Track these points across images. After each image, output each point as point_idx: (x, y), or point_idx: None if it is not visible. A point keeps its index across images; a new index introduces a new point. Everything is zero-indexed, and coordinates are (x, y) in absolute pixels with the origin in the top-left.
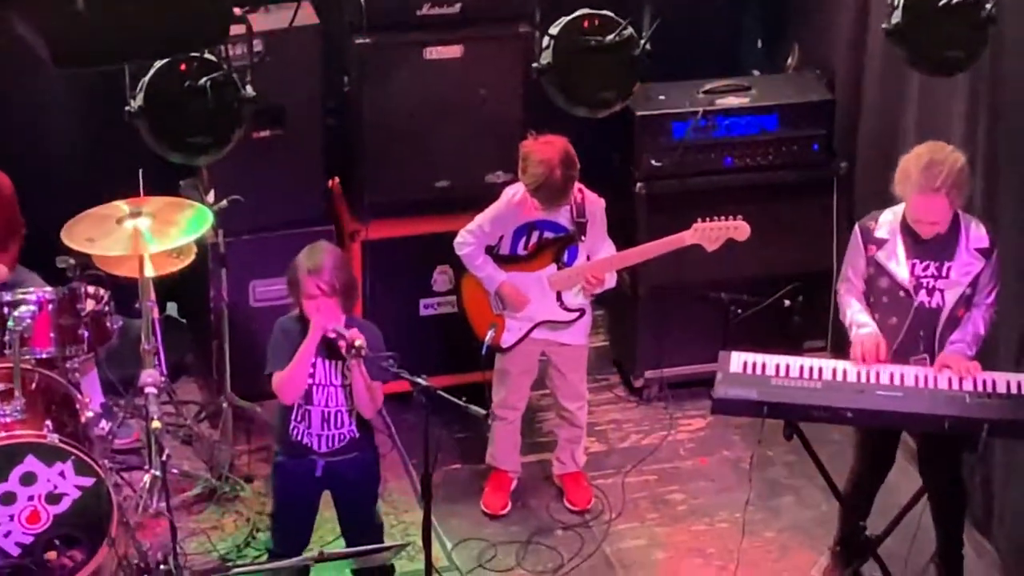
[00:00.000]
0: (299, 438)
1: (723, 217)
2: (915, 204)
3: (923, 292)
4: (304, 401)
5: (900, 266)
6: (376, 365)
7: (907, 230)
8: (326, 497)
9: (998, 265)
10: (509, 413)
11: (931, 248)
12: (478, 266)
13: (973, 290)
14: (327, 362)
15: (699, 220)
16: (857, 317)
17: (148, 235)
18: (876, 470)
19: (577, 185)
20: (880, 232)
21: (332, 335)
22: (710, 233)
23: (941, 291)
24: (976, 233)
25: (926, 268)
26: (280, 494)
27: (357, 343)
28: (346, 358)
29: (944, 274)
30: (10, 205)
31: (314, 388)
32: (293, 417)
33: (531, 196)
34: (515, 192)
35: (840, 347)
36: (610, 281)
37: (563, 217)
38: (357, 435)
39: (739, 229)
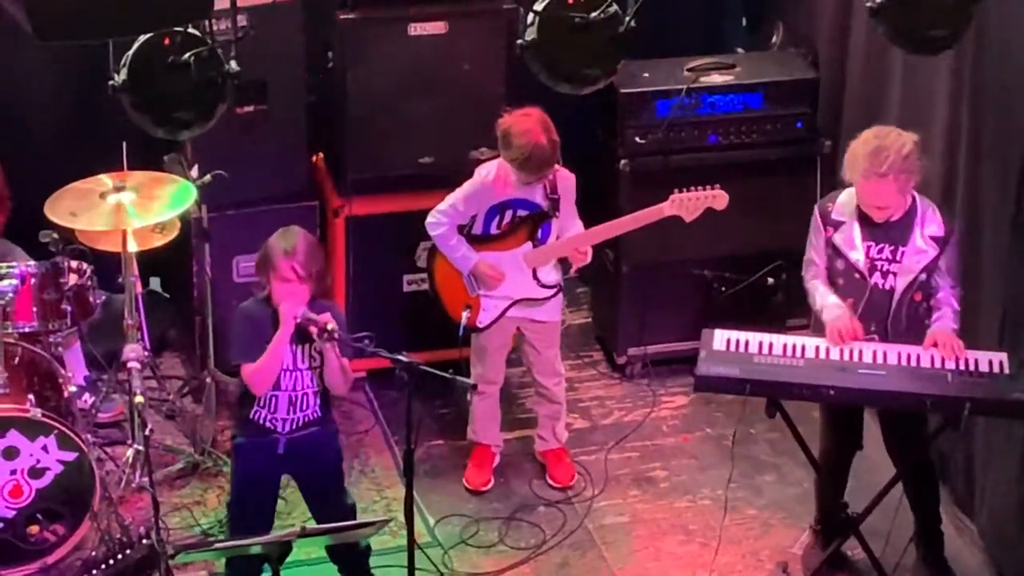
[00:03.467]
0: (262, 422)
1: (701, 187)
2: (863, 189)
3: (877, 274)
4: (273, 388)
5: (856, 249)
6: (347, 344)
7: (863, 213)
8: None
9: (957, 249)
10: (488, 388)
11: (886, 231)
12: (452, 246)
13: (928, 275)
14: (296, 347)
15: (676, 191)
16: (827, 300)
17: (131, 210)
18: (843, 447)
19: None
20: (836, 215)
21: (302, 321)
22: (688, 203)
23: (894, 274)
24: (932, 219)
25: (880, 251)
26: (241, 475)
27: (329, 327)
28: (316, 342)
29: (897, 258)
30: None
31: (282, 374)
32: (257, 403)
33: (518, 171)
34: (488, 171)
35: (821, 326)
36: (586, 257)
37: (537, 194)
38: (318, 414)
39: (717, 198)
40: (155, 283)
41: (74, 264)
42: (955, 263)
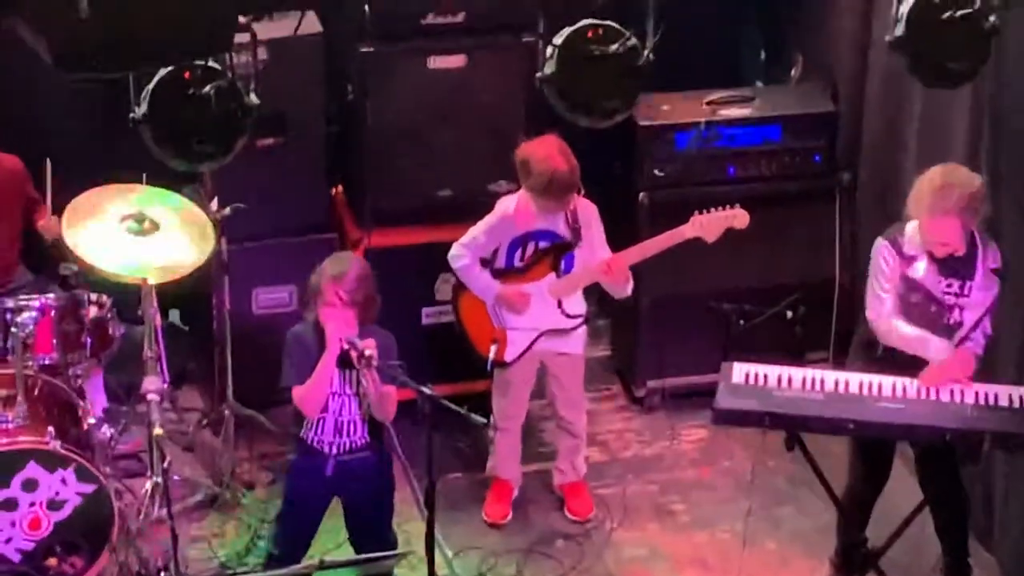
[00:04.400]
0: (311, 442)
1: (721, 207)
2: (928, 226)
3: (953, 308)
4: (322, 410)
5: (929, 281)
6: (385, 371)
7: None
8: (334, 507)
9: (998, 286)
10: (510, 423)
11: (952, 266)
12: (474, 276)
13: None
14: (341, 372)
15: (696, 213)
16: (906, 328)
17: None
18: (872, 481)
19: None
20: (909, 248)
21: (346, 346)
22: (709, 224)
23: (960, 308)
24: (991, 253)
25: (949, 286)
26: (290, 491)
27: (367, 353)
28: (358, 368)
29: (965, 292)
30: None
31: (330, 396)
32: (307, 424)
33: (540, 198)
34: (509, 204)
35: (842, 358)
36: (628, 286)
37: (559, 225)
38: (366, 439)
39: (738, 217)
40: (174, 316)
41: (94, 296)
42: (992, 300)
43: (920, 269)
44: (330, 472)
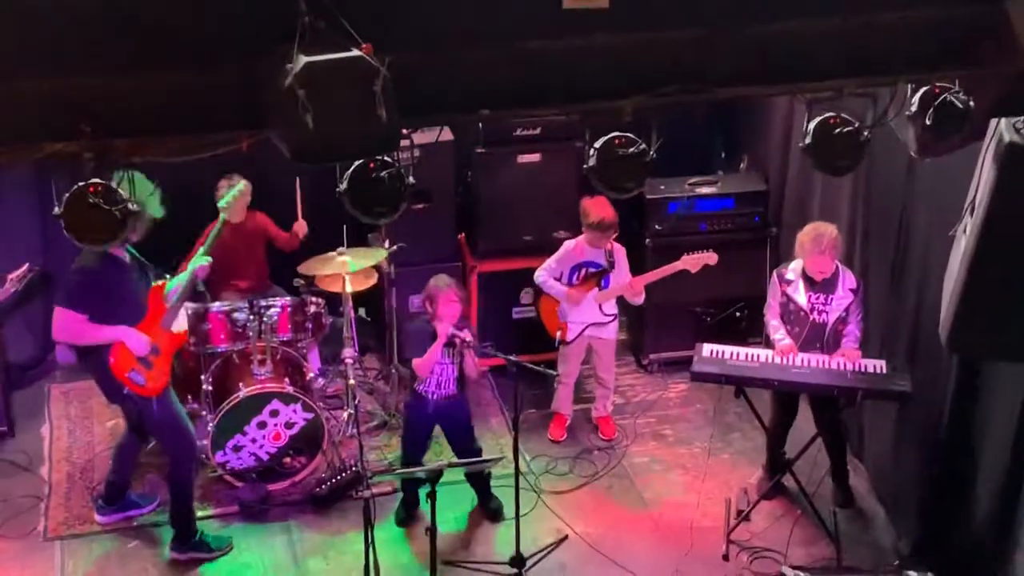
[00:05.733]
0: (420, 392)
1: (700, 251)
2: (810, 262)
3: (815, 313)
4: (430, 373)
5: (801, 297)
6: (478, 349)
7: (805, 275)
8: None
9: (865, 297)
10: (567, 379)
11: (821, 286)
12: (550, 286)
13: (847, 313)
14: (446, 349)
15: (686, 254)
16: (777, 333)
17: (351, 265)
18: (784, 417)
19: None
20: (788, 276)
21: (450, 334)
22: (692, 261)
23: (826, 312)
24: (848, 277)
25: (817, 298)
26: (407, 424)
27: (467, 339)
28: (458, 346)
29: (828, 303)
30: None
31: (436, 365)
32: (418, 381)
33: (592, 232)
34: (570, 244)
35: (769, 344)
36: (641, 297)
37: (601, 258)
38: (455, 391)
39: (711, 257)
40: (362, 312)
41: (314, 299)
42: (860, 306)
43: (798, 288)
44: (431, 410)
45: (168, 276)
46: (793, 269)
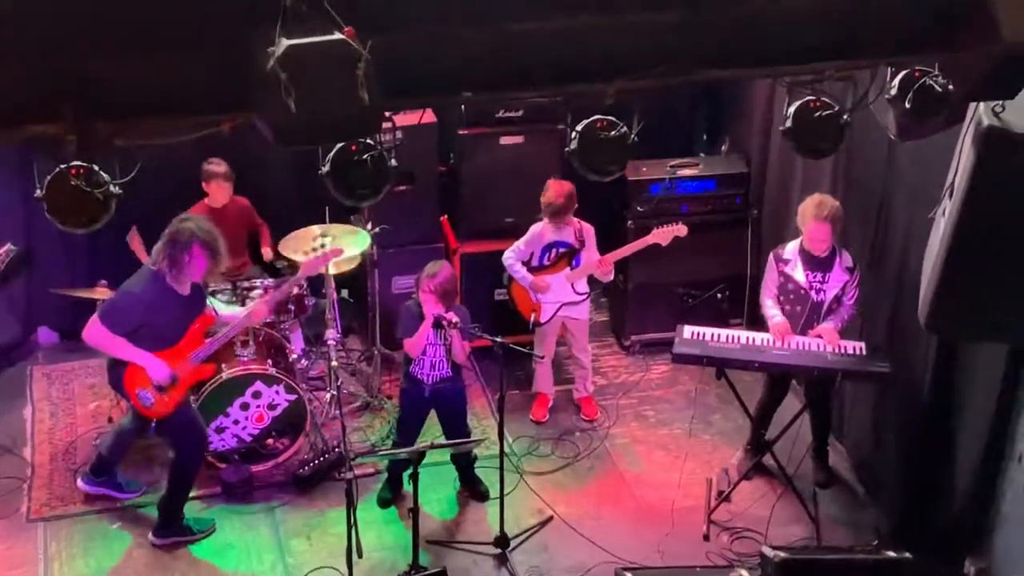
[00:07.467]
0: (415, 375)
1: (671, 223)
2: (811, 230)
3: (813, 292)
4: (421, 354)
5: (800, 275)
6: (466, 332)
7: (803, 254)
8: (433, 418)
9: (858, 278)
10: (545, 359)
11: (819, 264)
12: (516, 270)
13: (842, 291)
14: (435, 331)
15: (656, 227)
16: (771, 311)
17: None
18: (774, 398)
19: (576, 219)
20: (785, 256)
21: (437, 317)
22: (663, 234)
23: (823, 290)
24: (845, 257)
25: (815, 277)
26: (403, 408)
27: (454, 321)
28: (446, 329)
29: (826, 281)
30: (252, 213)
31: (427, 346)
32: (411, 364)
33: (548, 218)
34: (537, 226)
35: (752, 322)
36: (611, 275)
37: (571, 238)
38: (450, 374)
39: (680, 229)
40: (345, 293)
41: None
42: (855, 288)
43: (796, 267)
44: (427, 394)
45: (228, 303)
46: (790, 249)
